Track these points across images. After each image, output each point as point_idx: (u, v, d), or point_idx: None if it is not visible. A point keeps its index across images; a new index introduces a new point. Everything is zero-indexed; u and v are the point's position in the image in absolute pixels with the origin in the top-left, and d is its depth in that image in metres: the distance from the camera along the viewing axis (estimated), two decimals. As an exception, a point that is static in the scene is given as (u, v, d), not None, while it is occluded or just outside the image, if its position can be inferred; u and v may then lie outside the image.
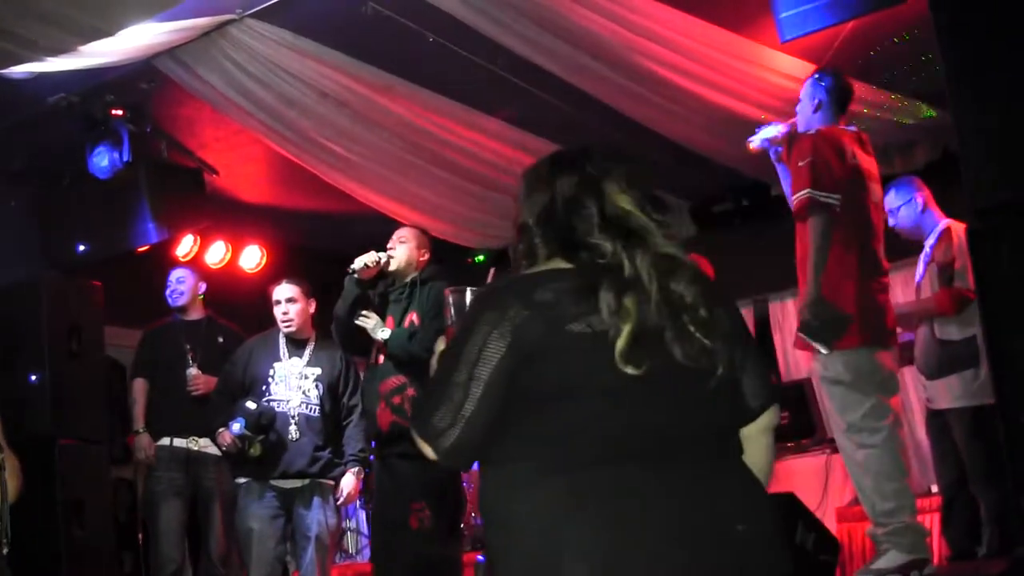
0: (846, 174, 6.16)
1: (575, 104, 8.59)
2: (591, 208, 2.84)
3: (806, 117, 6.47)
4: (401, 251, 7.19)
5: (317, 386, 7.77)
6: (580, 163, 2.96)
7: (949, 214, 7.35)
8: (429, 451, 2.79)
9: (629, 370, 2.63)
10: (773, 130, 6.75)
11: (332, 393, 7.82)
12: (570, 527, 2.60)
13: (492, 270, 6.11)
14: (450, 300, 3.25)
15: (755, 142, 6.81)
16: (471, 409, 2.70)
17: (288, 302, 7.84)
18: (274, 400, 7.68)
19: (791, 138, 6.57)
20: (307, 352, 7.88)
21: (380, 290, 7.32)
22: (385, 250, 7.19)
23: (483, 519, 2.87)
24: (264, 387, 7.71)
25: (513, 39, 7.67)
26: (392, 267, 7.15)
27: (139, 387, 8.74)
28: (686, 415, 2.74)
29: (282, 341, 7.90)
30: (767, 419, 2.98)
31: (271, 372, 7.76)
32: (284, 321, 7.83)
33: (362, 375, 7.66)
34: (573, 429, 2.67)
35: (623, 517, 2.61)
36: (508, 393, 2.70)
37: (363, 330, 7.03)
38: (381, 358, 7.07)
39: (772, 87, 8.31)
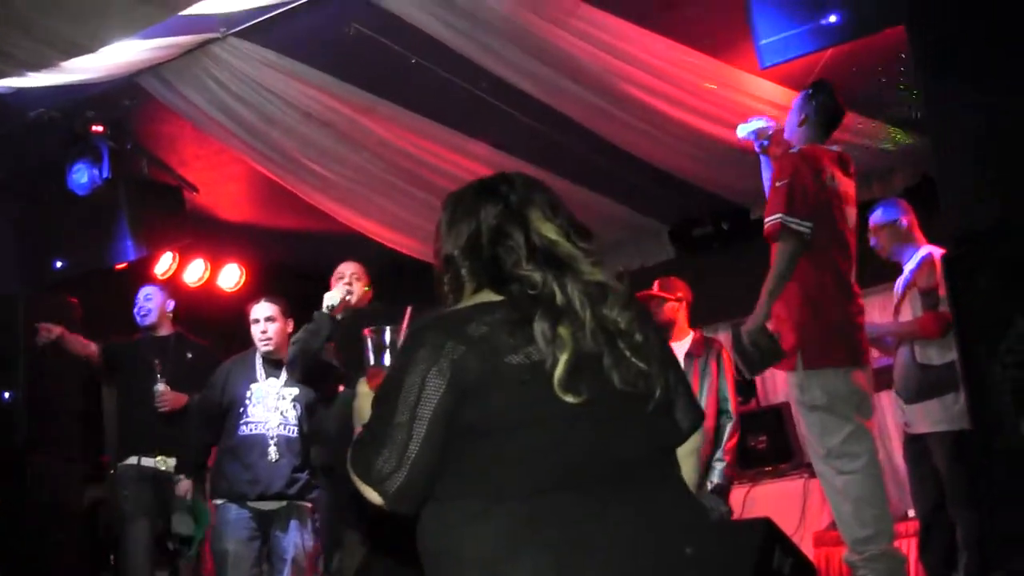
0: (822, 198, 6.15)
1: (555, 127, 8.60)
2: (517, 238, 2.84)
3: (791, 127, 6.48)
4: (358, 288, 7.21)
5: (295, 406, 7.69)
6: (503, 192, 2.94)
7: (927, 239, 7.38)
8: (375, 496, 2.75)
9: (569, 399, 2.62)
10: (761, 122, 6.76)
11: (310, 413, 7.73)
12: (519, 558, 2.59)
13: (409, 309, 6.11)
14: (368, 341, 3.22)
15: (742, 132, 6.82)
16: (416, 450, 2.67)
17: (267, 321, 7.79)
18: (252, 422, 7.61)
19: (774, 142, 6.59)
20: (284, 372, 7.75)
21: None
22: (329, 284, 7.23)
23: (424, 558, 2.79)
24: (242, 409, 7.62)
25: (495, 62, 7.70)
26: (352, 301, 7.15)
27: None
28: (628, 439, 2.74)
29: (259, 361, 7.81)
30: (694, 441, 3.00)
31: (248, 393, 7.67)
32: (263, 340, 7.77)
33: None
34: (516, 461, 2.65)
35: (572, 544, 2.60)
36: (449, 430, 2.67)
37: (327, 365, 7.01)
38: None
39: (752, 112, 8.31)
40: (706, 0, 7.39)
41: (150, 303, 8.78)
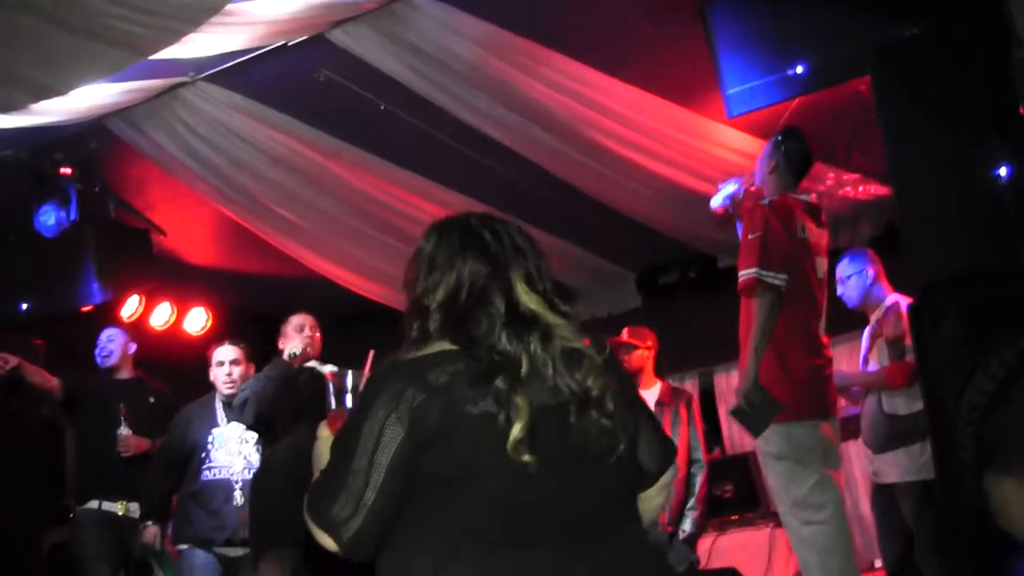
0: (794, 250, 6.17)
1: (524, 174, 8.62)
2: (498, 305, 2.79)
3: (762, 176, 6.49)
4: (317, 338, 7.26)
5: (258, 450, 7.60)
6: (491, 248, 2.89)
7: (894, 287, 7.41)
8: (329, 542, 2.72)
9: (525, 459, 2.59)
10: (731, 186, 6.77)
11: None
12: None
13: (371, 352, 6.11)
14: (330, 384, 3.21)
15: (716, 201, 6.82)
16: (372, 497, 2.64)
17: (232, 364, 7.76)
18: (216, 467, 7.56)
19: (747, 196, 6.59)
20: (246, 407, 7.70)
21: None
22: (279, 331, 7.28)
23: None
24: (204, 454, 7.58)
25: (464, 109, 7.72)
26: (311, 352, 7.18)
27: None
28: (587, 494, 2.71)
29: (219, 406, 7.77)
30: (666, 477, 3.01)
31: (210, 438, 7.62)
32: (227, 383, 7.72)
33: None
34: (471, 514, 2.63)
35: None
36: (407, 478, 2.65)
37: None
38: None
39: (719, 161, 8.38)
40: (674, 50, 7.44)
41: (112, 344, 8.72)
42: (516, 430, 2.59)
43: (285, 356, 7.07)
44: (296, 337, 7.23)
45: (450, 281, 2.85)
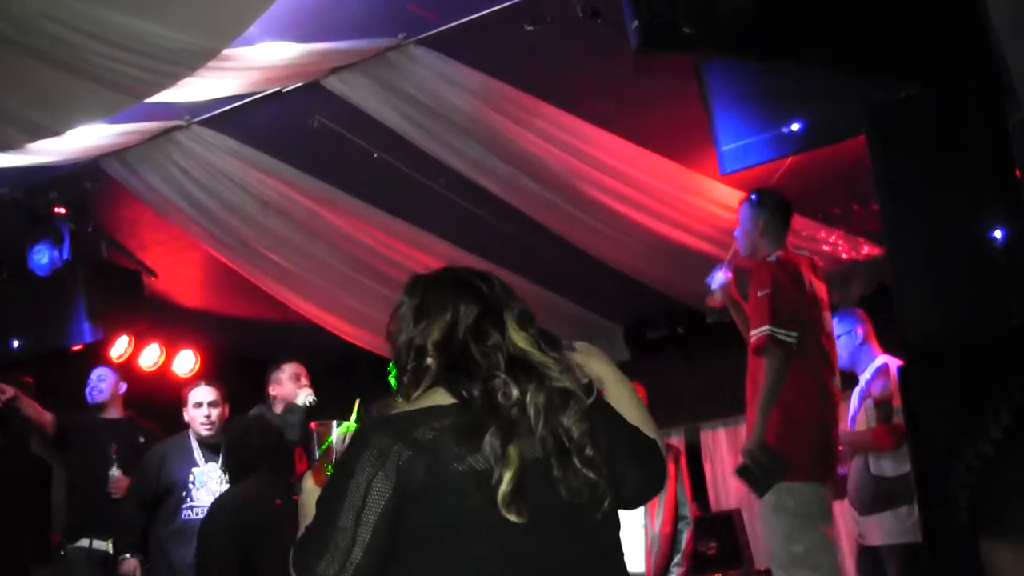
0: (804, 304, 6.18)
1: (514, 225, 8.63)
2: (496, 341, 2.81)
3: (752, 241, 6.46)
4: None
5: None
6: (483, 291, 2.91)
7: (885, 347, 7.41)
8: None
9: (512, 517, 2.59)
10: (719, 275, 6.76)
11: None
12: None
13: (357, 401, 6.06)
14: (315, 435, 3.20)
15: (716, 296, 6.80)
16: (360, 555, 2.63)
17: (210, 405, 7.80)
18: (197, 506, 7.56)
19: (742, 269, 6.58)
20: (222, 456, 7.66)
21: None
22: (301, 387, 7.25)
23: None
24: (184, 493, 7.60)
25: (456, 159, 7.73)
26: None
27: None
28: (572, 548, 2.72)
29: (195, 445, 7.80)
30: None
31: (191, 477, 7.64)
32: (205, 425, 7.76)
33: None
34: (459, 568, 2.63)
35: None
36: (394, 534, 2.65)
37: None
38: None
39: (711, 217, 8.40)
40: (668, 106, 7.46)
41: (103, 383, 8.76)
42: (505, 481, 2.59)
43: (300, 403, 7.07)
44: (293, 386, 7.22)
45: (445, 320, 2.86)
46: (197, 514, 7.51)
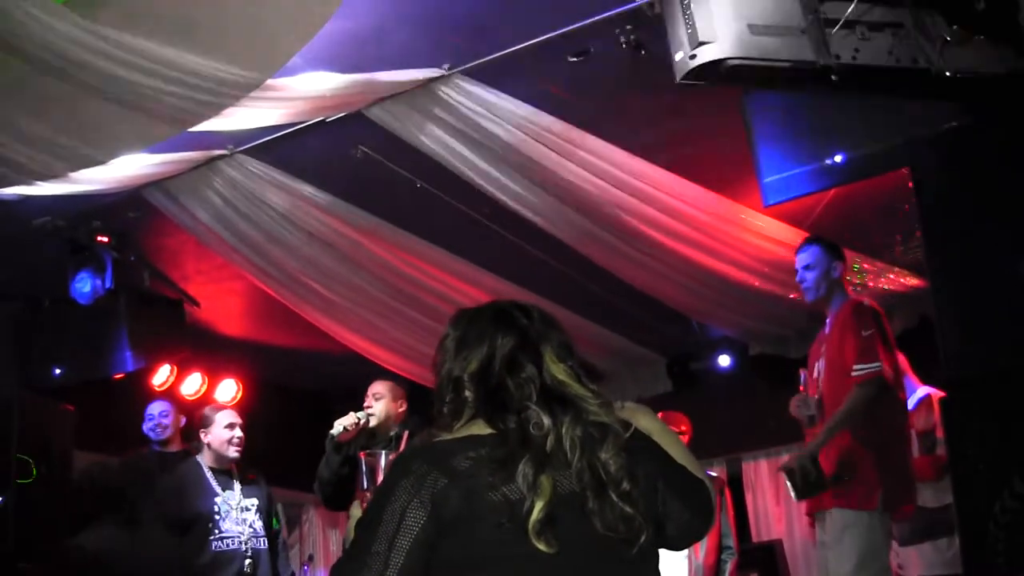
0: (895, 346, 6.26)
1: (557, 256, 8.64)
2: (531, 372, 2.81)
3: (826, 286, 6.46)
4: (379, 407, 7.04)
5: (259, 517, 7.62)
6: (520, 322, 2.92)
7: (924, 381, 7.38)
8: None
9: (541, 546, 2.58)
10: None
11: (267, 523, 7.69)
12: None
13: (406, 434, 5.97)
14: (363, 463, 3.21)
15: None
16: None
17: (240, 427, 7.77)
18: (227, 537, 7.48)
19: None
20: (236, 483, 7.69)
21: (362, 443, 6.94)
22: (362, 408, 7.10)
23: None
24: (211, 524, 7.47)
25: (499, 190, 7.72)
26: (373, 423, 7.03)
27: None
28: None
29: (208, 474, 7.68)
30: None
31: (215, 507, 7.54)
32: (237, 446, 7.70)
33: None
34: None
35: None
36: (428, 562, 2.65)
37: (347, 485, 6.87)
38: None
39: (753, 248, 8.38)
40: (711, 137, 7.45)
41: (167, 420, 8.88)
42: (536, 510, 2.58)
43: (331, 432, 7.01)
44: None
45: (482, 353, 2.87)
46: (227, 545, 7.46)
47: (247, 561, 7.45)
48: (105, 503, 8.79)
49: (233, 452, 7.71)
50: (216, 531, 7.46)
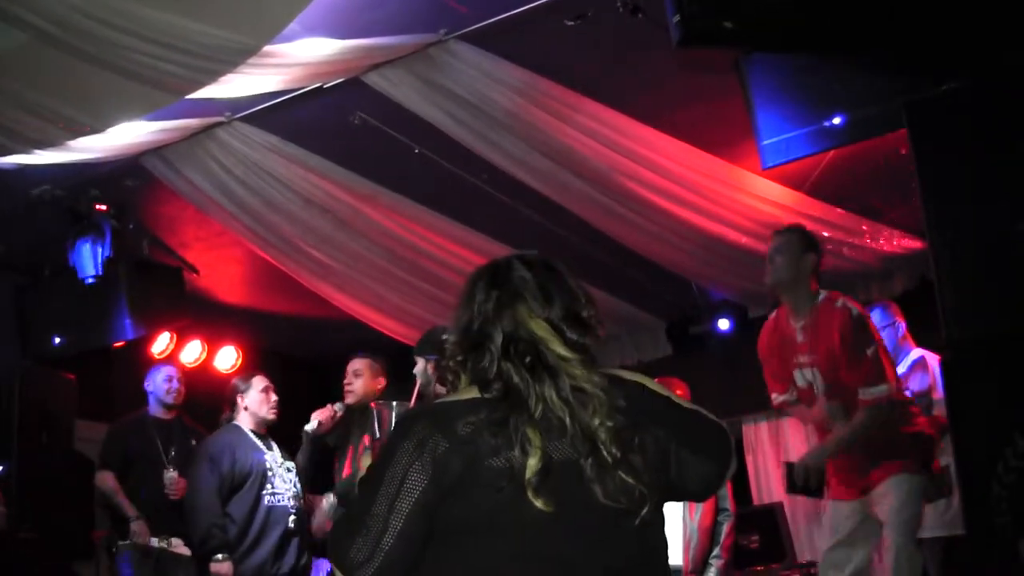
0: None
1: (556, 220, 8.64)
2: (496, 338, 2.76)
3: (797, 275, 6.27)
4: (358, 384, 7.16)
5: (298, 477, 7.70)
6: (499, 280, 2.86)
7: (926, 342, 7.39)
8: None
9: (540, 505, 2.55)
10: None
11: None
12: None
13: (416, 388, 6.01)
14: (374, 414, 3.22)
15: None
16: (390, 543, 2.62)
17: (275, 393, 7.87)
18: (278, 493, 7.62)
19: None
20: (275, 446, 7.82)
21: (339, 431, 7.22)
22: (343, 384, 7.23)
23: None
24: (266, 481, 7.61)
25: (498, 154, 7.73)
26: (352, 401, 7.11)
27: (111, 479, 8.49)
28: (608, 552, 2.66)
29: (252, 435, 7.79)
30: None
31: (268, 466, 7.66)
32: (275, 409, 7.84)
33: None
34: (488, 566, 2.61)
35: None
36: (429, 526, 2.63)
37: (323, 472, 7.07)
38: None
39: (752, 211, 8.38)
40: (709, 101, 7.45)
41: (180, 384, 8.79)
42: (530, 468, 2.57)
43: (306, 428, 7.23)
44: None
45: (463, 318, 2.85)
46: (278, 501, 7.58)
47: (292, 517, 7.57)
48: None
49: (272, 415, 7.81)
50: (269, 486, 7.59)
